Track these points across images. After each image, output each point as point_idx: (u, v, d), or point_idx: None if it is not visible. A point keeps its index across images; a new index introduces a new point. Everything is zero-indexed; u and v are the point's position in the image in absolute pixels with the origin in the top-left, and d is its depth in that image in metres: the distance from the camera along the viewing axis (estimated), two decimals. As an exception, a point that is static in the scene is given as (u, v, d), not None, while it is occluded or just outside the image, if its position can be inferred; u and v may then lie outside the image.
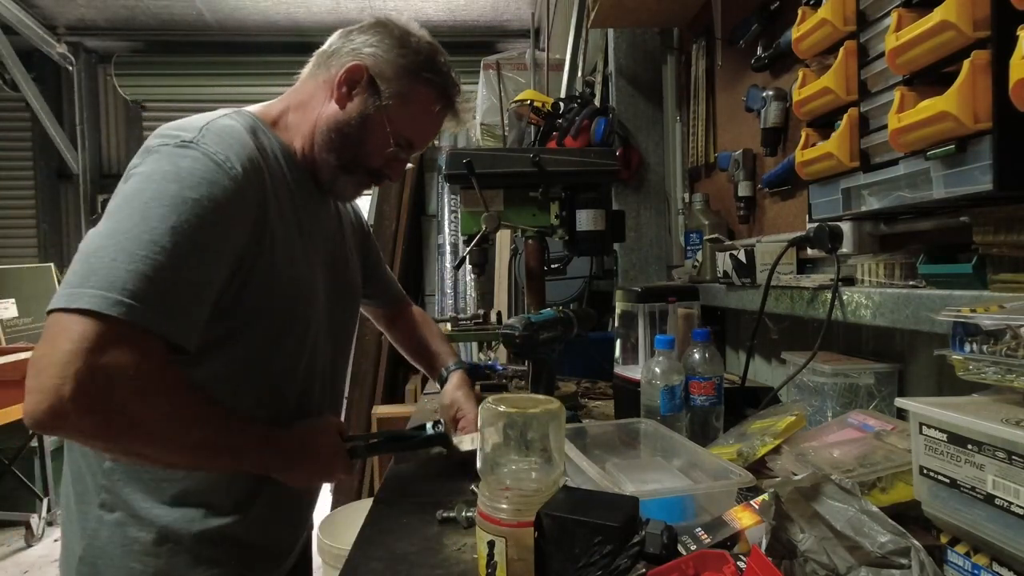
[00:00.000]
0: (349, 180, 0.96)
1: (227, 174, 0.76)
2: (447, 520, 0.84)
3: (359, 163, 0.94)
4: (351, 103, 0.91)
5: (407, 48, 0.92)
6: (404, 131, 0.94)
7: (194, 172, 0.74)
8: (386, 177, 0.99)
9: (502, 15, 4.65)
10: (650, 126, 2.06)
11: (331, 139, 0.91)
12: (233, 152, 0.78)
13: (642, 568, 0.55)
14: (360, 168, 0.95)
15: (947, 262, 0.85)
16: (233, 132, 0.81)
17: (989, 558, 0.57)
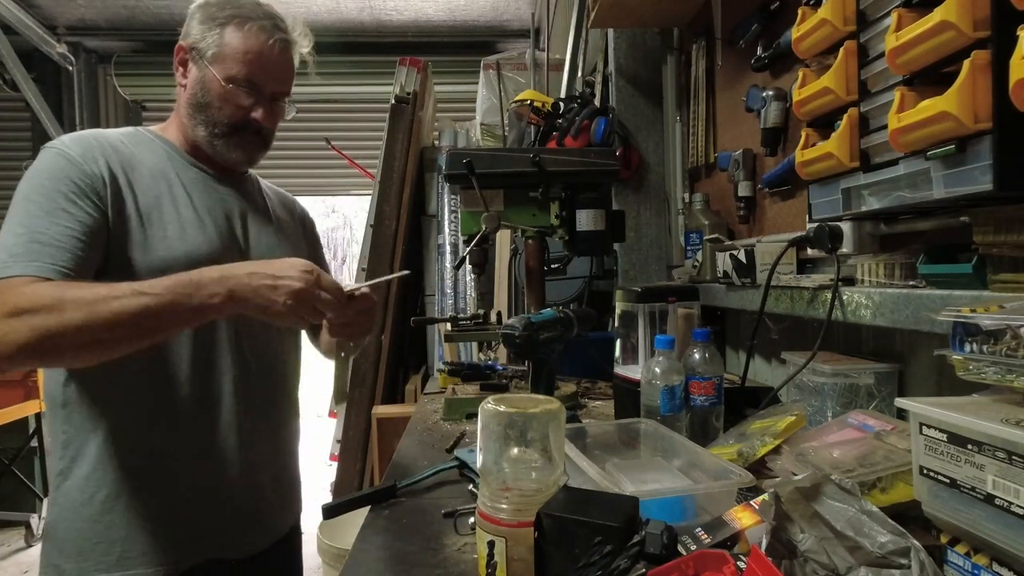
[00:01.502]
0: (228, 144, 1.05)
1: (65, 157, 0.93)
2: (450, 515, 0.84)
3: (221, 123, 1.03)
4: (188, 78, 1.05)
5: (208, 7, 1.04)
6: (236, 73, 1.02)
7: (46, 162, 0.93)
8: (257, 126, 1.05)
9: (502, 15, 4.65)
10: (650, 126, 2.06)
11: (191, 115, 1.04)
12: (77, 144, 0.95)
13: (642, 568, 0.55)
14: (226, 128, 1.04)
15: (947, 262, 0.85)
16: (88, 134, 0.99)
17: (989, 558, 0.57)
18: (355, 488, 2.89)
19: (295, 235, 1.23)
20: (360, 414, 2.81)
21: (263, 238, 1.11)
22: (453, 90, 4.65)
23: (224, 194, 1.08)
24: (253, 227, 1.11)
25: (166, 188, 1.01)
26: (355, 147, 4.51)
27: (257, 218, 1.13)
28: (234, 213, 1.08)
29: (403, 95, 2.99)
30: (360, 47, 4.74)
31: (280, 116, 1.12)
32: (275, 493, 1.11)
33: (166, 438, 0.98)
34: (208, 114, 1.04)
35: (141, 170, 1.00)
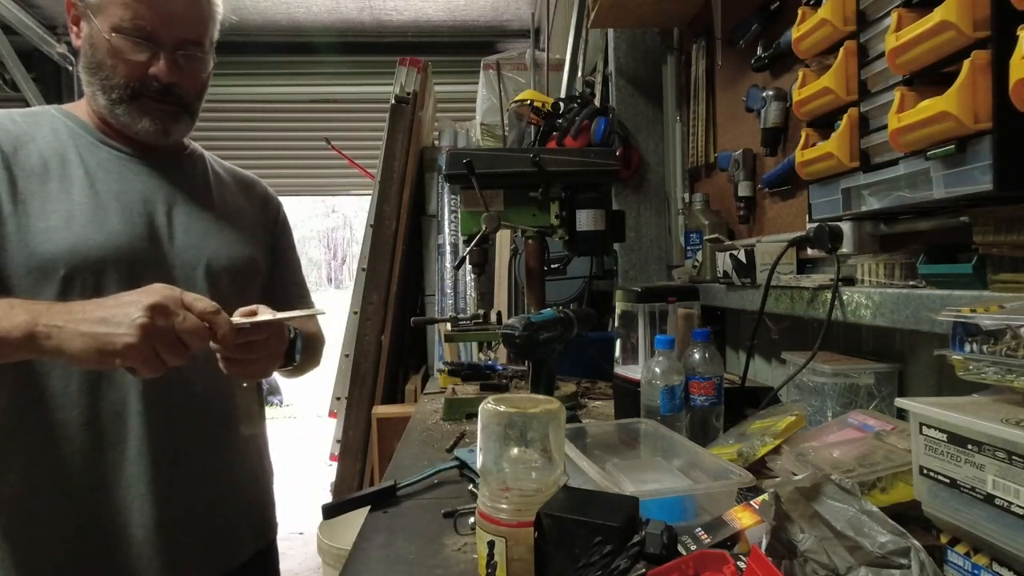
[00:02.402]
0: (131, 111, 0.91)
1: None
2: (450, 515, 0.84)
3: (117, 86, 0.90)
4: (80, 38, 0.92)
5: None
6: (120, 20, 0.88)
7: None
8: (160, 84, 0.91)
9: (502, 15, 4.65)
10: (650, 126, 2.06)
11: (89, 82, 0.92)
12: None
13: (642, 568, 0.55)
14: (124, 91, 0.90)
15: (947, 262, 0.85)
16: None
17: (989, 558, 0.57)
18: (355, 488, 2.89)
19: (250, 223, 1.08)
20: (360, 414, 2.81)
21: (194, 227, 0.97)
22: (453, 90, 4.66)
23: (144, 176, 0.95)
24: (182, 215, 0.97)
25: (58, 171, 0.88)
26: (355, 147, 4.51)
27: (191, 204, 0.99)
28: (156, 198, 0.95)
29: (403, 95, 2.99)
30: (360, 47, 4.75)
31: (198, 72, 0.95)
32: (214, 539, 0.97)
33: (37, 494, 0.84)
34: (102, 76, 0.90)
35: (28, 149, 0.88)
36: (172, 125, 0.94)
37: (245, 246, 1.04)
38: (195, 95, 0.98)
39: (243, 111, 4.70)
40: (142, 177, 0.95)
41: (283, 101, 4.74)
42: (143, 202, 0.93)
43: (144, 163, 0.96)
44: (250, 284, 1.05)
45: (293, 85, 4.73)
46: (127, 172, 0.94)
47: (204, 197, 1.02)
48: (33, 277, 0.84)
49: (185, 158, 1.04)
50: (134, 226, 0.91)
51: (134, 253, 0.90)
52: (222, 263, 0.99)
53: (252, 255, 1.06)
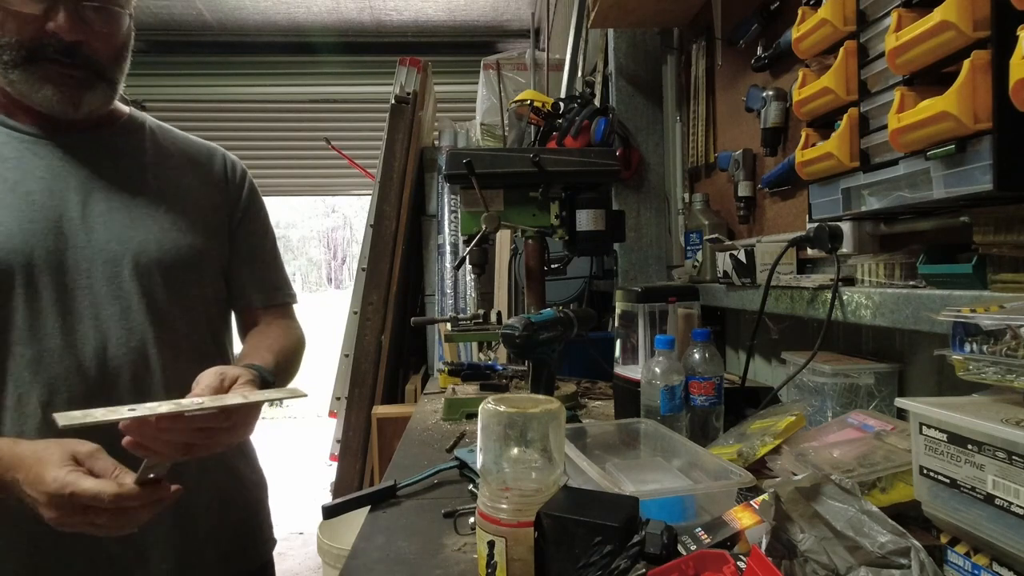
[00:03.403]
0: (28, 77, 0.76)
1: None
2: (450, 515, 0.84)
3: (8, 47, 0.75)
4: None
5: None
6: None
7: None
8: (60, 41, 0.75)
9: (502, 15, 4.65)
10: (650, 126, 2.06)
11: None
12: None
13: (642, 568, 0.55)
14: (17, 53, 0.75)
15: (947, 262, 0.85)
16: None
17: (989, 558, 0.57)
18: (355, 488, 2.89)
19: (198, 204, 0.92)
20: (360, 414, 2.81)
21: (117, 216, 0.83)
22: (453, 90, 4.66)
23: (52, 160, 0.81)
24: (100, 202, 0.82)
25: None
26: (355, 147, 4.51)
27: (113, 188, 0.84)
28: (67, 185, 0.81)
29: (403, 95, 2.99)
30: (360, 47, 4.75)
31: (112, 28, 0.78)
32: (195, 559, 0.87)
33: None
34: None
35: None
36: (82, 94, 0.78)
37: (186, 233, 0.88)
38: (111, 58, 0.81)
39: (243, 111, 4.71)
40: (49, 162, 0.80)
41: (283, 101, 4.74)
42: (49, 192, 0.79)
43: (53, 144, 0.81)
44: (194, 280, 0.90)
45: (293, 85, 4.74)
46: (29, 157, 0.79)
47: (133, 178, 0.86)
48: None
49: (114, 132, 0.88)
50: (34, 222, 0.77)
51: (33, 255, 0.77)
52: (152, 256, 0.84)
53: (195, 243, 0.89)
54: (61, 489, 0.63)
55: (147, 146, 0.91)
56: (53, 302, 0.79)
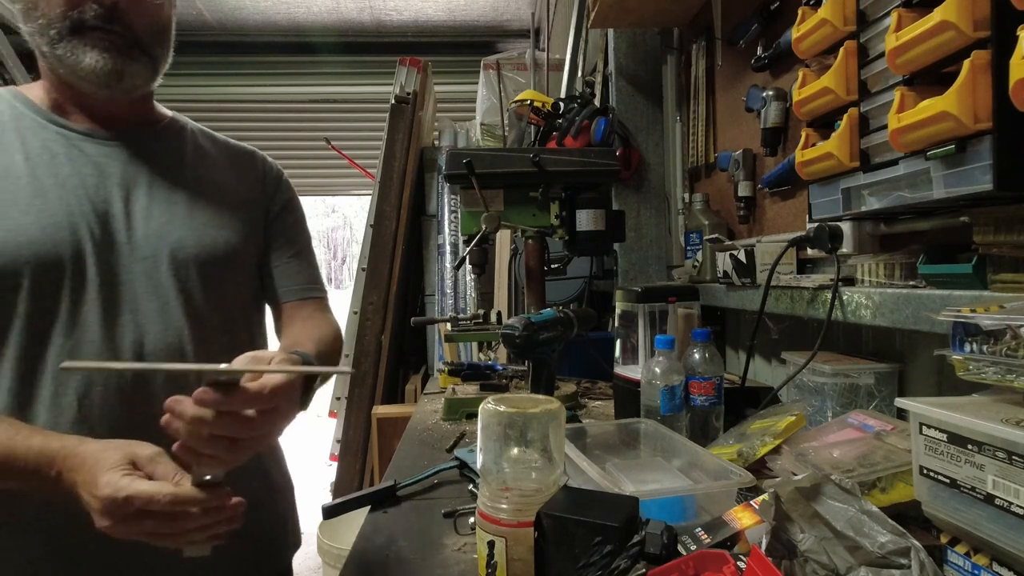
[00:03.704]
0: (73, 48, 0.79)
1: None
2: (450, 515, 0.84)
3: (54, 20, 0.78)
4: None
5: None
6: None
7: None
8: (101, 6, 0.79)
9: (502, 15, 4.65)
10: (650, 126, 2.06)
11: (30, 34, 0.81)
12: None
13: (642, 568, 0.55)
14: (63, 24, 0.78)
15: (947, 262, 0.85)
16: None
17: (989, 558, 0.57)
18: (355, 488, 2.89)
19: (236, 201, 0.94)
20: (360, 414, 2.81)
21: (156, 211, 0.85)
22: (453, 90, 4.66)
23: (98, 157, 0.84)
24: (142, 198, 0.85)
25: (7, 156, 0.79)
26: (355, 147, 4.52)
27: (154, 184, 0.87)
28: (110, 181, 0.83)
29: (403, 95, 2.99)
30: (360, 47, 4.75)
31: None
32: (225, 564, 0.84)
33: None
34: (37, 17, 0.78)
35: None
36: (124, 63, 0.81)
37: (222, 229, 0.90)
38: (150, 30, 0.83)
39: (243, 111, 4.71)
40: (95, 159, 0.83)
41: (283, 101, 4.74)
42: (95, 188, 0.82)
43: (99, 142, 0.84)
44: (230, 277, 0.91)
45: (293, 85, 4.74)
46: (76, 154, 0.82)
47: (173, 175, 0.89)
48: None
49: (156, 133, 0.92)
50: (83, 215, 0.79)
51: (80, 249, 0.79)
52: (189, 252, 0.86)
53: (231, 240, 0.91)
54: (114, 494, 0.60)
55: (187, 147, 0.94)
56: (96, 294, 0.80)
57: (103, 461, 0.62)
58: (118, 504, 0.60)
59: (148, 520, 0.60)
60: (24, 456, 0.65)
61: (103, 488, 0.60)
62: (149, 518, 0.60)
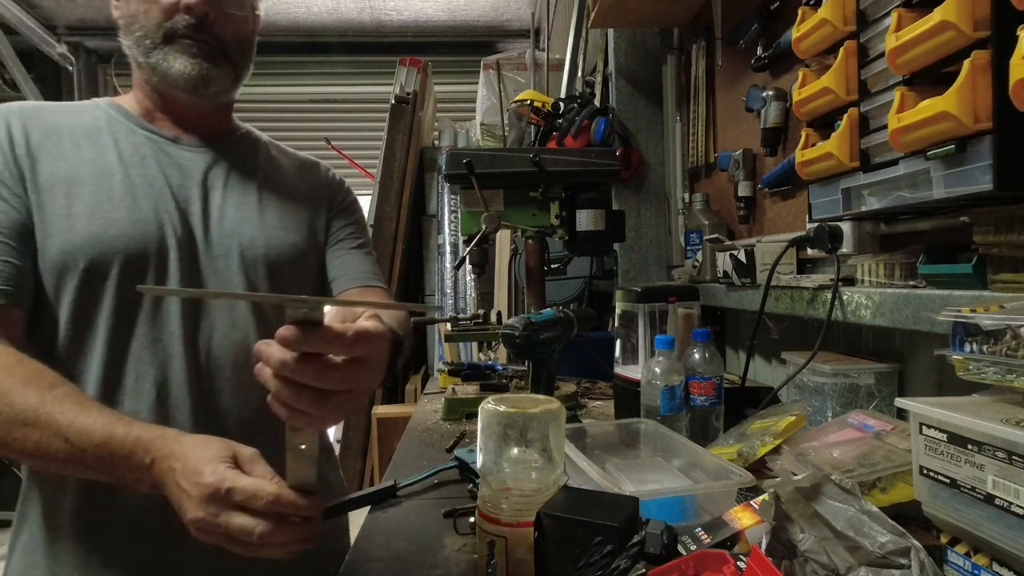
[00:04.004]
0: (166, 55, 0.86)
1: None
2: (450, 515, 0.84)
3: (150, 29, 0.86)
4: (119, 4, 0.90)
5: None
6: None
7: None
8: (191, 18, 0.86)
9: (502, 15, 4.65)
10: (650, 126, 2.06)
11: (128, 46, 0.88)
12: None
13: (642, 568, 0.55)
14: (158, 33, 0.86)
15: (947, 262, 0.85)
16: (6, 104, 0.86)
17: (989, 558, 0.57)
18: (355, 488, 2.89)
19: (302, 206, 1.00)
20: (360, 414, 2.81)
21: (230, 213, 0.91)
22: (453, 90, 4.66)
23: (182, 161, 0.90)
24: (218, 199, 0.91)
25: (91, 155, 0.85)
26: (355, 147, 4.52)
27: (230, 188, 0.93)
28: (192, 182, 0.89)
29: (403, 95, 2.99)
30: (360, 47, 4.75)
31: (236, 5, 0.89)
32: None
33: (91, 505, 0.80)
34: (135, 29, 0.86)
35: (60, 136, 0.85)
36: (210, 69, 0.87)
37: (289, 232, 0.95)
38: (235, 40, 0.90)
39: (243, 111, 4.67)
40: (179, 161, 0.90)
41: (283, 101, 4.75)
42: (178, 188, 0.88)
43: (184, 147, 0.91)
44: (295, 277, 0.96)
45: (293, 85, 4.74)
46: (163, 156, 0.89)
47: (246, 180, 0.95)
48: (56, 272, 0.80)
49: (233, 141, 0.98)
50: (167, 213, 0.85)
51: (164, 244, 0.84)
52: (258, 251, 0.91)
53: (297, 243, 0.96)
54: (219, 483, 0.57)
55: (260, 156, 1.01)
56: (179, 287, 0.85)
57: (206, 452, 0.61)
58: (220, 495, 0.57)
59: (241, 518, 0.57)
60: (121, 441, 0.64)
61: (208, 476, 0.58)
62: (242, 517, 0.57)
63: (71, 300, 0.80)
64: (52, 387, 0.68)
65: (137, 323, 0.82)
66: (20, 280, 0.77)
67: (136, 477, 0.64)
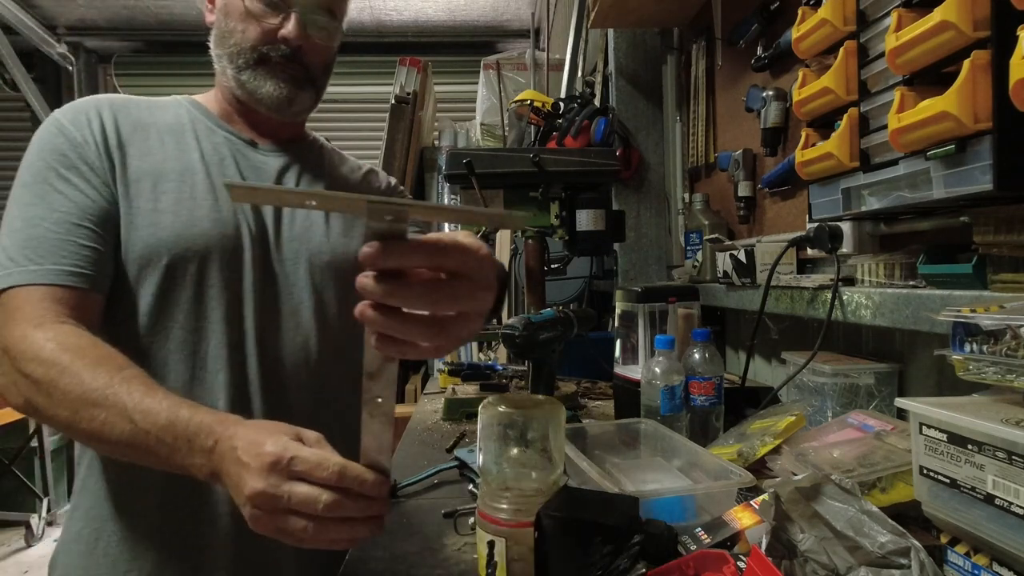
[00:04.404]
0: (256, 75, 0.89)
1: (56, 125, 0.82)
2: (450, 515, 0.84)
3: (244, 49, 0.88)
4: (214, 6, 0.92)
5: None
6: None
7: (38, 134, 0.83)
8: (288, 44, 0.88)
9: (502, 15, 4.65)
10: (650, 126, 2.06)
11: (219, 57, 0.91)
12: (72, 107, 0.85)
13: (642, 568, 0.55)
14: (252, 55, 0.88)
15: (947, 262, 0.85)
16: (89, 99, 0.87)
17: (989, 558, 0.57)
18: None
19: None
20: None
21: (299, 218, 0.93)
22: (453, 90, 4.66)
23: (257, 163, 0.93)
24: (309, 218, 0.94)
25: (175, 152, 0.87)
26: (355, 147, 4.51)
27: None
28: None
29: (403, 95, 2.99)
30: (360, 47, 4.75)
31: (326, 40, 0.91)
32: None
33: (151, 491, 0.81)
34: (230, 44, 0.89)
35: (148, 132, 0.87)
36: (296, 93, 0.91)
37: (353, 239, 0.97)
38: (321, 67, 0.94)
39: (243, 111, 4.71)
40: (256, 164, 0.93)
41: (283, 101, 4.74)
42: None
43: (259, 150, 0.94)
44: (354, 279, 0.97)
45: (293, 85, 4.73)
46: (240, 158, 0.92)
47: (315, 186, 0.97)
48: (138, 264, 0.81)
49: (305, 146, 1.01)
50: (243, 215, 0.87)
51: (240, 244, 0.86)
52: (324, 258, 0.93)
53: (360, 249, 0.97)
54: (282, 452, 0.54)
55: (325, 163, 1.03)
56: (251, 287, 0.86)
57: (271, 428, 0.59)
58: (283, 464, 0.54)
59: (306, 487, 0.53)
60: (186, 423, 0.63)
61: (270, 446, 0.55)
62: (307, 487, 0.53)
63: (152, 293, 0.81)
64: (121, 369, 0.68)
65: (211, 319, 0.84)
66: (102, 267, 0.79)
67: (196, 462, 0.62)
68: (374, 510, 0.55)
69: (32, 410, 0.71)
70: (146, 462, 0.66)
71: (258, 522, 0.55)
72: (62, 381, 0.67)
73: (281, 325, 0.88)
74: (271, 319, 0.87)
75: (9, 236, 0.77)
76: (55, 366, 0.68)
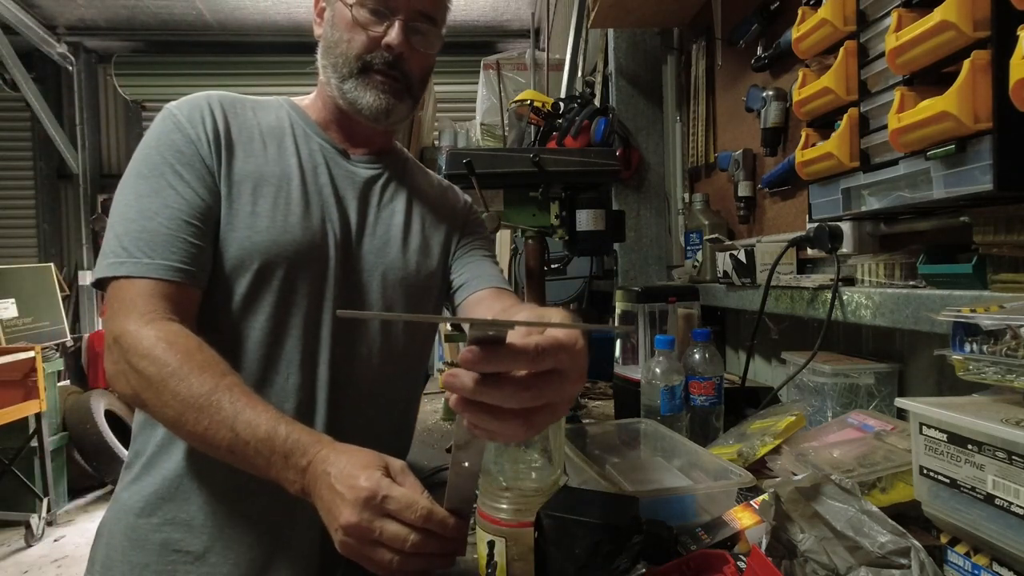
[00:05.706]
0: (358, 85, 0.90)
1: (172, 119, 0.84)
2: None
3: (349, 59, 0.89)
4: (323, 19, 0.93)
5: None
6: None
7: (156, 125, 0.85)
8: (390, 54, 0.89)
9: (502, 15, 4.65)
10: (650, 126, 2.06)
11: (324, 67, 0.92)
12: (187, 102, 0.86)
13: (642, 568, 0.55)
14: (355, 64, 0.89)
15: (947, 262, 0.85)
16: (201, 95, 0.88)
17: (989, 558, 0.57)
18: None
19: (439, 232, 1.02)
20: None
21: (380, 231, 0.94)
22: (453, 90, 4.66)
23: (348, 173, 0.94)
24: (371, 215, 0.95)
25: (275, 156, 0.89)
26: (355, 147, 4.51)
27: (385, 206, 0.96)
28: (353, 197, 0.93)
29: (403, 95, 2.99)
30: (360, 47, 4.74)
31: (426, 48, 0.92)
32: None
33: None
34: (336, 54, 0.90)
35: (252, 133, 0.89)
36: (395, 104, 0.91)
37: (427, 257, 0.99)
38: (419, 77, 0.94)
39: (243, 111, 4.70)
40: (346, 174, 0.94)
41: (283, 101, 4.74)
42: (342, 200, 0.92)
43: (351, 161, 0.95)
44: (424, 301, 0.98)
45: (293, 85, 4.73)
46: (333, 166, 0.93)
47: (398, 199, 0.98)
48: (231, 264, 0.83)
49: (393, 158, 1.02)
50: (331, 223, 0.89)
51: (326, 253, 0.88)
52: (398, 274, 0.94)
53: (433, 269, 0.99)
54: (376, 488, 0.58)
55: (407, 176, 1.03)
56: (332, 295, 0.88)
57: (361, 459, 0.63)
58: (376, 502, 0.58)
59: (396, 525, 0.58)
60: (284, 439, 0.66)
61: (364, 481, 0.59)
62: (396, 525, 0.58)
63: (240, 294, 0.83)
64: (224, 375, 0.71)
65: (291, 324, 0.85)
66: (204, 264, 0.80)
67: (289, 478, 0.66)
68: (452, 549, 0.60)
69: (140, 403, 0.74)
70: (243, 468, 0.69)
71: (348, 549, 0.60)
72: (171, 383, 0.70)
73: (353, 335, 0.89)
74: (345, 328, 0.88)
75: (123, 224, 0.78)
76: (166, 367, 0.70)
